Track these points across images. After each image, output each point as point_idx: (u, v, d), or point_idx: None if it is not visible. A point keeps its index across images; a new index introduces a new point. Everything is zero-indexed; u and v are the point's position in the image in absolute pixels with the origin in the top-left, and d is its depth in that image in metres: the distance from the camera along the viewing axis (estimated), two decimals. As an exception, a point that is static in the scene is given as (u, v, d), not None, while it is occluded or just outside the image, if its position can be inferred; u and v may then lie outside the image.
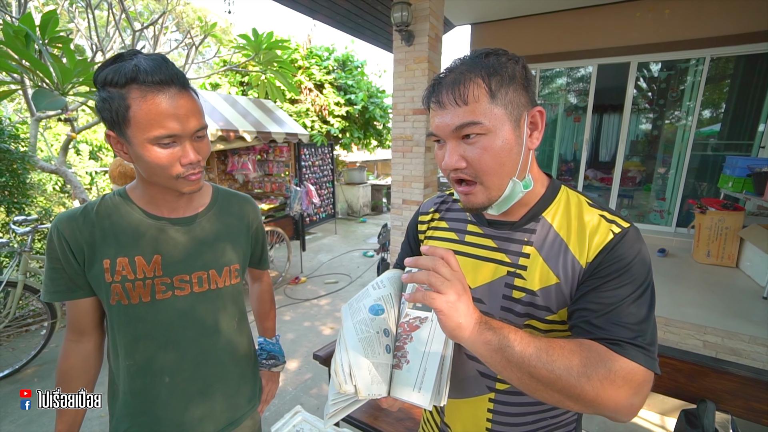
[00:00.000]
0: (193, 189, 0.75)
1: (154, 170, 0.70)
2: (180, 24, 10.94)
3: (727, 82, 4.11)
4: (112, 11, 3.76)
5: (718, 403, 1.19)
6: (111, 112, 0.66)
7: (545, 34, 4.56)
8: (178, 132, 0.68)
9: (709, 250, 3.37)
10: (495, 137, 0.59)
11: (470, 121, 0.58)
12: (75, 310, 0.80)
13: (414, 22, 3.27)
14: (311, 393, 2.45)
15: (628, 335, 0.55)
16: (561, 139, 5.11)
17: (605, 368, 0.52)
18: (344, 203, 8.37)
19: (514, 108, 0.60)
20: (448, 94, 0.60)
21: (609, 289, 0.58)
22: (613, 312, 0.57)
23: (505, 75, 0.59)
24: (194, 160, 0.71)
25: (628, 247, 0.60)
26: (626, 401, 0.52)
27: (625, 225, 0.62)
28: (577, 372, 0.52)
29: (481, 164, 0.60)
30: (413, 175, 3.58)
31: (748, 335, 2.14)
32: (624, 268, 0.58)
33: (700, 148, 4.21)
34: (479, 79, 0.59)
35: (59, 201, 4.85)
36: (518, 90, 0.60)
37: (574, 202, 0.67)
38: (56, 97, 1.80)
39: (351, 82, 7.68)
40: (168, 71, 0.67)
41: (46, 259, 0.77)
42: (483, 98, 0.58)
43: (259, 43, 3.40)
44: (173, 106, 0.67)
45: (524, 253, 0.67)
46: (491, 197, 0.63)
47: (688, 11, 3.83)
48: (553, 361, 0.52)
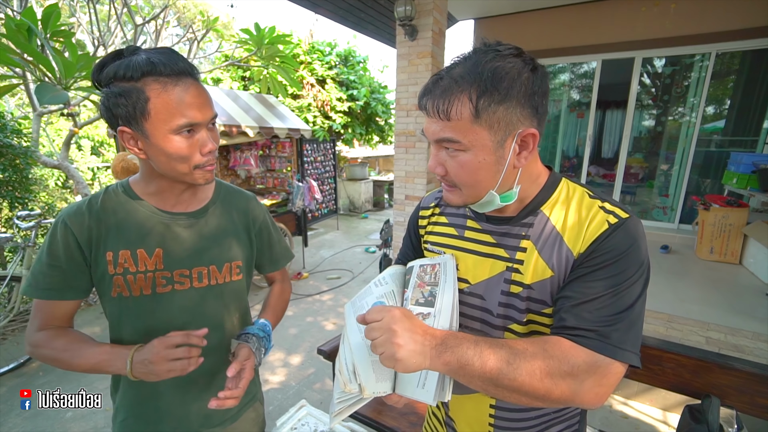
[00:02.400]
0: (208, 179, 0.76)
1: (174, 162, 0.70)
2: (181, 19, 10.90)
3: (732, 78, 4.08)
4: (114, 5, 3.74)
5: (722, 399, 1.19)
6: (128, 106, 0.65)
7: (549, 29, 4.52)
8: (198, 120, 0.69)
9: (713, 247, 3.36)
10: (473, 155, 0.59)
11: (449, 137, 0.59)
12: (59, 309, 0.77)
13: (417, 17, 3.24)
14: (315, 388, 2.46)
15: (594, 326, 0.55)
16: (564, 135, 5.08)
17: (568, 365, 0.53)
18: (346, 199, 8.37)
19: (501, 127, 0.57)
20: (433, 104, 0.59)
21: (592, 280, 0.58)
22: (587, 303, 0.56)
23: (496, 93, 0.55)
24: (213, 149, 0.73)
25: (622, 238, 0.58)
26: (590, 392, 0.53)
27: (624, 215, 0.60)
28: (540, 375, 0.52)
29: (457, 176, 0.62)
30: (416, 170, 3.57)
31: (752, 332, 2.14)
32: (613, 259, 0.57)
33: (704, 144, 4.19)
34: (466, 96, 0.56)
35: (61, 196, 4.86)
36: (511, 107, 0.56)
37: (574, 194, 0.66)
38: (59, 92, 1.79)
39: (353, 78, 7.65)
40: (182, 62, 0.69)
41: (43, 254, 0.74)
42: (466, 117, 0.56)
43: (261, 37, 3.39)
44: (192, 95, 0.68)
45: (521, 247, 0.66)
46: (467, 201, 0.65)
47: (694, 6, 3.79)
48: (515, 369, 0.53)
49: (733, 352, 2.16)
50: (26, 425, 2.08)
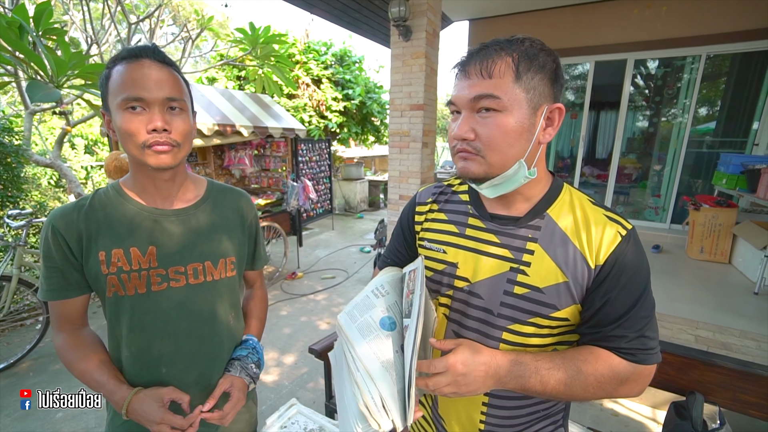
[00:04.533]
0: (160, 163, 0.73)
1: (124, 138, 0.72)
2: (176, 17, 10.84)
3: (722, 80, 4.13)
4: (108, 3, 3.72)
5: (706, 395, 1.21)
6: (101, 90, 0.74)
7: (543, 30, 4.55)
8: (144, 96, 0.70)
9: (703, 247, 3.41)
10: (509, 116, 0.59)
11: (489, 93, 0.59)
12: (64, 308, 0.80)
13: (412, 18, 3.26)
14: (307, 387, 2.47)
15: (634, 342, 0.63)
16: (558, 136, 5.12)
17: (618, 378, 0.63)
18: (341, 199, 8.37)
19: (536, 95, 0.60)
20: (475, 65, 0.61)
21: (622, 295, 0.63)
22: (625, 320, 0.63)
23: (535, 62, 0.60)
24: (159, 127, 0.71)
25: (634, 250, 0.63)
26: (634, 391, 0.65)
27: (629, 226, 0.64)
28: (593, 390, 0.62)
29: (489, 139, 0.60)
30: (410, 170, 3.58)
31: (739, 330, 2.17)
32: (633, 272, 0.63)
33: (695, 145, 4.24)
34: (509, 58, 0.59)
35: (54, 195, 4.83)
36: (545, 80, 0.61)
37: (578, 200, 0.68)
38: (51, 90, 1.78)
39: (348, 77, 7.65)
40: (147, 48, 0.73)
41: (41, 258, 0.78)
42: (508, 76, 0.59)
43: (257, 37, 3.39)
44: (143, 73, 0.71)
45: (528, 249, 0.67)
46: (489, 172, 0.63)
47: (685, 8, 3.84)
48: (571, 389, 0.61)
49: (721, 349, 2.19)
50: (16, 426, 2.06)
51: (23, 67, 2.19)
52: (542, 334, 0.67)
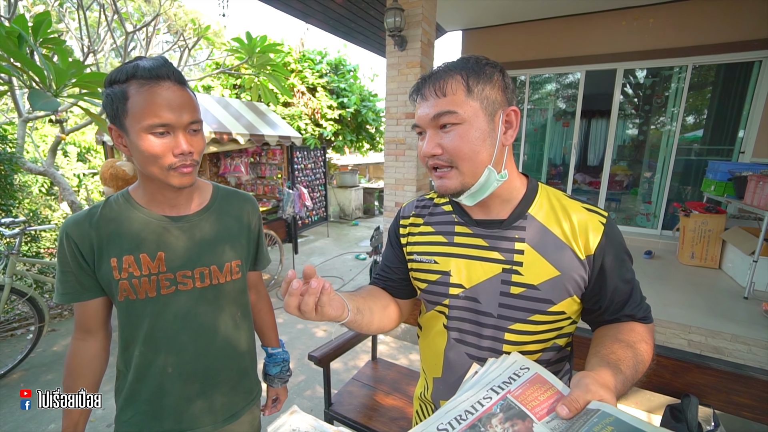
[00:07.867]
0: (183, 183, 0.77)
1: (147, 160, 0.73)
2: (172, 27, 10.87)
3: (708, 89, 4.25)
4: (104, 12, 3.73)
5: (701, 398, 1.24)
6: (113, 105, 0.72)
7: (535, 40, 4.66)
8: (171, 122, 0.72)
9: (693, 252, 3.47)
10: (469, 127, 0.64)
11: (447, 110, 0.64)
12: (82, 311, 0.84)
13: (407, 28, 3.32)
14: (305, 395, 2.45)
15: (642, 307, 0.72)
16: (550, 144, 5.21)
17: (649, 339, 0.69)
18: (336, 206, 8.37)
19: (489, 103, 0.65)
20: (430, 87, 0.67)
21: (622, 273, 0.70)
22: (632, 294, 0.71)
23: (482, 75, 0.66)
24: (186, 151, 0.74)
25: (616, 233, 0.71)
26: (653, 350, 0.69)
27: (605, 213, 0.71)
28: (647, 357, 0.66)
29: (456, 150, 0.65)
30: (406, 178, 3.61)
31: (730, 334, 2.21)
32: (621, 252, 0.70)
33: (684, 152, 4.34)
34: (458, 75, 0.65)
35: (45, 203, 4.77)
36: (495, 89, 0.66)
37: (554, 196, 0.73)
38: (50, 98, 1.79)
39: (343, 86, 7.71)
40: (165, 68, 0.73)
41: (57, 263, 0.82)
42: (460, 91, 0.65)
43: (253, 46, 3.41)
44: (167, 98, 0.71)
45: (518, 249, 0.70)
46: (465, 183, 0.67)
47: (671, 21, 3.96)
48: (641, 364, 0.64)
49: (714, 353, 2.23)
50: (7, 438, 2.02)
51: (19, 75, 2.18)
52: (543, 330, 0.70)
